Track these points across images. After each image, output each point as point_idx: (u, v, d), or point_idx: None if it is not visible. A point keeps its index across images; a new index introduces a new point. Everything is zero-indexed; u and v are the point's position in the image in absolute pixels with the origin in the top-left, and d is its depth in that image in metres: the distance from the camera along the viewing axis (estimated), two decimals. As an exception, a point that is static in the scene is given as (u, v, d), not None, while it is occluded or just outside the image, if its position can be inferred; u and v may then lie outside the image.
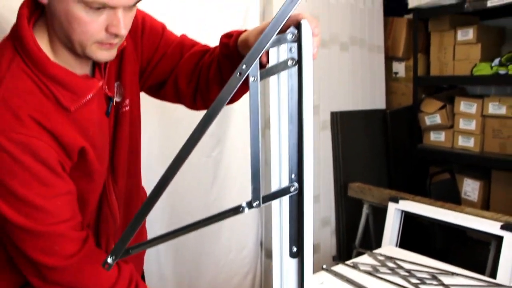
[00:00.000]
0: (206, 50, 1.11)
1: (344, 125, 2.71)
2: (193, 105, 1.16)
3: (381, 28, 3.00)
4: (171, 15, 1.91)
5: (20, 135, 0.84)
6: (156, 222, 1.92)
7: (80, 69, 0.94)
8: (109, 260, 0.83)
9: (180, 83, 1.11)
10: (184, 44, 1.12)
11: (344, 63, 2.75)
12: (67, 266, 0.91)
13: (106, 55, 0.91)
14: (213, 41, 1.14)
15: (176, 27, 1.91)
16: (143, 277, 1.31)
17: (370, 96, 2.94)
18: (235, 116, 2.13)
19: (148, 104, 1.24)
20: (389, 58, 3.12)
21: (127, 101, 1.05)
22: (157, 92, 1.18)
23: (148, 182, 1.85)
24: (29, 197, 0.86)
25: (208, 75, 1.07)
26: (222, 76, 1.04)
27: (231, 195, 2.17)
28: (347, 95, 2.78)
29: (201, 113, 1.11)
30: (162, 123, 1.95)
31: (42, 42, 0.90)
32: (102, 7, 0.83)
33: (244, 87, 0.99)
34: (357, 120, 2.80)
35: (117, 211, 1.08)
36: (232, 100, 1.07)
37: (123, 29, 0.86)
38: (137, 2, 0.87)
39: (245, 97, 0.77)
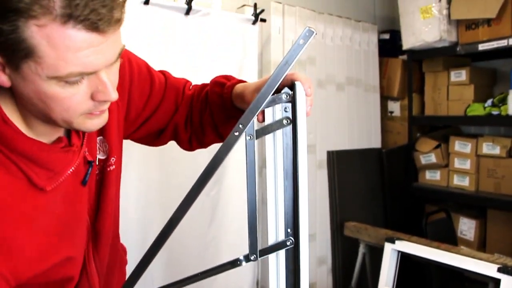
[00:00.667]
0: (192, 93, 1.06)
1: (340, 164, 2.73)
2: (189, 148, 1.12)
3: (377, 69, 3.07)
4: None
5: None
6: (152, 262, 1.91)
7: (56, 132, 0.79)
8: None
9: (180, 132, 1.06)
10: (178, 91, 1.05)
11: (341, 103, 2.81)
12: None
13: (98, 123, 0.75)
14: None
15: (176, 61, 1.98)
16: None
17: (366, 135, 2.99)
18: (233, 155, 2.15)
19: (145, 146, 1.25)
20: (385, 98, 3.17)
21: (112, 160, 0.90)
22: (153, 141, 1.10)
23: (145, 220, 1.88)
24: None
25: (201, 121, 1.04)
26: (215, 122, 1.02)
27: (227, 235, 2.18)
28: (343, 134, 2.83)
29: (199, 152, 1.11)
30: (160, 164, 1.98)
31: (12, 115, 0.73)
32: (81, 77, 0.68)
33: (234, 122, 0.95)
34: (353, 159, 2.83)
35: (97, 283, 0.92)
36: (225, 138, 1.08)
37: (113, 93, 0.71)
38: (120, 55, 0.71)
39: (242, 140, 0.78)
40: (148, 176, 1.93)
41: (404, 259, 2.13)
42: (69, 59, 0.64)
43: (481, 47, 2.58)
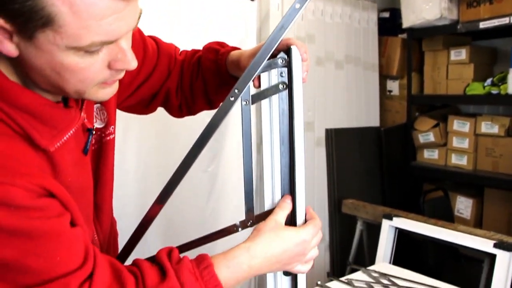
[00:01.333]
0: (183, 59, 1.04)
1: (339, 142, 2.73)
2: (179, 115, 1.09)
3: (376, 47, 3.05)
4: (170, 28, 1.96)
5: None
6: (151, 236, 1.93)
7: (54, 98, 0.73)
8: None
9: (171, 98, 1.04)
10: (170, 56, 1.03)
11: (339, 81, 2.79)
12: None
13: (110, 92, 0.73)
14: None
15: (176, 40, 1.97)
16: None
17: (365, 113, 2.98)
18: (231, 131, 2.16)
19: (145, 117, 1.24)
20: (384, 77, 3.16)
21: (111, 128, 0.87)
22: (142, 109, 1.07)
23: (144, 193, 1.88)
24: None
25: (192, 87, 1.02)
26: (207, 89, 1.01)
27: (226, 210, 2.19)
28: (342, 113, 2.82)
29: (198, 124, 1.09)
30: (159, 135, 1.98)
31: (9, 73, 0.67)
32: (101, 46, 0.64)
33: (226, 89, 0.95)
34: (351, 137, 2.83)
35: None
36: (215, 105, 1.05)
37: (133, 61, 0.68)
38: (139, 19, 0.68)
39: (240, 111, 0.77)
40: (147, 147, 1.93)
41: (401, 236, 2.14)
42: (92, 27, 0.59)
43: (482, 25, 2.56)
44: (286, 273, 0.82)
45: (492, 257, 1.80)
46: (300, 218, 0.78)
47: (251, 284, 2.39)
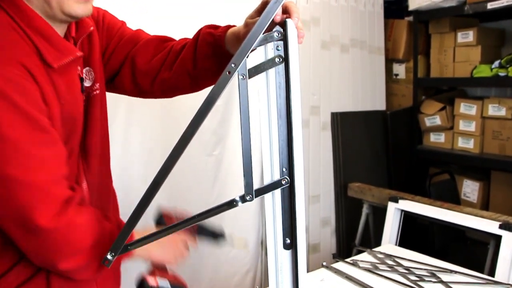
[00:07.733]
0: (170, 38, 1.14)
1: (345, 125, 2.73)
2: (151, 85, 1.13)
3: (382, 30, 3.02)
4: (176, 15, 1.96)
5: (10, 72, 0.81)
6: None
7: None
8: (109, 257, 0.85)
9: (139, 66, 1.11)
10: (139, 34, 1.15)
11: (345, 65, 2.78)
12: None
13: (83, 8, 0.91)
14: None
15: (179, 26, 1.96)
16: None
17: (371, 97, 2.96)
18: (236, 115, 2.16)
19: (148, 103, 1.27)
20: (390, 60, 3.14)
21: (97, 85, 1.06)
22: (112, 83, 1.16)
23: (149, 178, 1.90)
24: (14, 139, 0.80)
25: (175, 61, 1.08)
26: (196, 59, 1.05)
27: (231, 194, 2.19)
28: (348, 96, 2.81)
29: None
30: (163, 121, 1.99)
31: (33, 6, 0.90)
32: None
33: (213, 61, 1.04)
34: (357, 121, 2.82)
35: (88, 199, 1.01)
36: (198, 88, 1.12)
37: None
38: None
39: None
40: (152, 133, 1.95)
41: (407, 219, 2.13)
42: None
43: (490, 5, 2.51)
44: (286, 247, 0.83)
45: (498, 238, 1.79)
46: (299, 192, 0.78)
47: (258, 266, 2.40)
